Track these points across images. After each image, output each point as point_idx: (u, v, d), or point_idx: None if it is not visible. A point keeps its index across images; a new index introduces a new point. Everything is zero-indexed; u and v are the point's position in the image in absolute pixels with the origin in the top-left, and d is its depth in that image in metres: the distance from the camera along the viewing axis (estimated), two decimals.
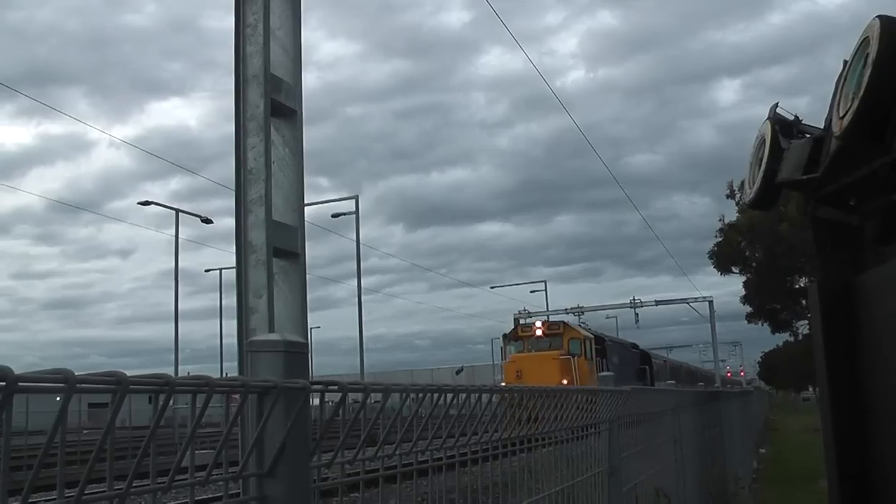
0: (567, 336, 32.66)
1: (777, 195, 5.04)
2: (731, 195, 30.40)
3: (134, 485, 1.15)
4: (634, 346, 44.16)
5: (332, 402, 1.73)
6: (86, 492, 1.06)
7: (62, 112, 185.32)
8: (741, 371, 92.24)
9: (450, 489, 2.41)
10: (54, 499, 1.05)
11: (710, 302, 53.14)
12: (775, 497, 13.07)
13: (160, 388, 1.16)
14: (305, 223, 4.76)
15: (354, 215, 36.03)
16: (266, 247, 4.35)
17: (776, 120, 4.87)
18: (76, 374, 1.01)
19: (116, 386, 1.07)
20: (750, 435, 20.12)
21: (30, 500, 1.04)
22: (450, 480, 2.39)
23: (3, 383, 0.90)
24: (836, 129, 3.72)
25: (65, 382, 0.98)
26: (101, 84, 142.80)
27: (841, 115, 3.63)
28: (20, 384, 0.94)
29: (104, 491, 1.12)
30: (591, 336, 34.84)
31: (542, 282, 58.39)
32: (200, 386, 1.22)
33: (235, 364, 4.42)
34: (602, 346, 35.30)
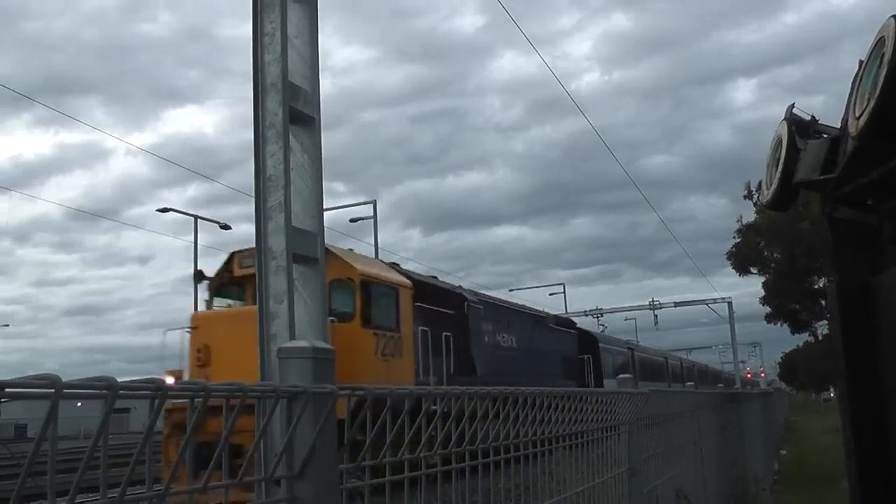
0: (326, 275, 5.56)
1: (795, 196, 5.05)
2: (748, 196, 30.16)
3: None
4: (569, 323, 28.67)
5: None
6: (127, 493, 1.10)
7: (79, 121, 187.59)
8: (761, 372, 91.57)
9: (472, 491, 2.44)
10: (96, 498, 1.10)
11: (729, 303, 53.05)
12: (796, 499, 12.98)
13: (196, 394, 1.21)
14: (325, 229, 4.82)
15: (372, 220, 35.98)
16: (286, 253, 4.41)
17: (793, 120, 4.87)
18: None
19: (155, 393, 1.11)
20: (770, 436, 20.00)
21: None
22: (472, 483, 2.42)
23: (52, 390, 0.95)
24: (853, 129, 3.72)
25: (108, 389, 1.03)
26: (118, 92, 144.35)
27: (857, 115, 3.64)
28: (66, 391, 0.99)
29: (143, 492, 1.17)
30: (406, 282, 15.59)
31: (560, 284, 57.95)
32: (233, 392, 1.26)
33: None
34: (449, 306, 17.09)
